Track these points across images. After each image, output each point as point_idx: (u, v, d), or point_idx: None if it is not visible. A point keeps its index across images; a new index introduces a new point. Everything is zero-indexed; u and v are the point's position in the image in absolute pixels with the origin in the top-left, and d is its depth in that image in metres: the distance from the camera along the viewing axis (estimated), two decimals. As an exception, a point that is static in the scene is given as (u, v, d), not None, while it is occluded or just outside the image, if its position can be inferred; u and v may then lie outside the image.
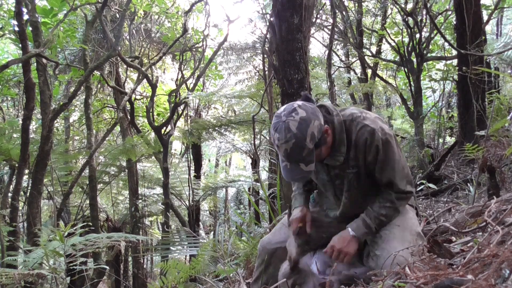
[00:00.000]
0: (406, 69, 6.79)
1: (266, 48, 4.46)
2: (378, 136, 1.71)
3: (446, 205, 3.55)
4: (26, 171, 4.93)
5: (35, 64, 5.01)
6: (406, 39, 6.80)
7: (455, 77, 5.62)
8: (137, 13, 7.67)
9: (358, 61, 8.56)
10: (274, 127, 1.65)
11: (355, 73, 8.80)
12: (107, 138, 8.57)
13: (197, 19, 8.93)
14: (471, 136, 4.70)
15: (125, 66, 8.12)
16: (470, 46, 4.83)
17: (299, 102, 1.69)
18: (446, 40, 5.03)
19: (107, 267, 5.54)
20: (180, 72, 7.77)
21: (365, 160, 1.77)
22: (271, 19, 3.13)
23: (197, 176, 8.62)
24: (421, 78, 6.71)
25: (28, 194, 4.77)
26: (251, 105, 7.91)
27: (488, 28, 8.73)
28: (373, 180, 1.84)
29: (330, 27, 6.16)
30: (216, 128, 7.74)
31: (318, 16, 7.21)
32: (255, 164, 8.49)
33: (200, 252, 2.98)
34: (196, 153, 9.09)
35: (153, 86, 6.94)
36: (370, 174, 1.82)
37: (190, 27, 7.67)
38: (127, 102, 7.06)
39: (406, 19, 6.65)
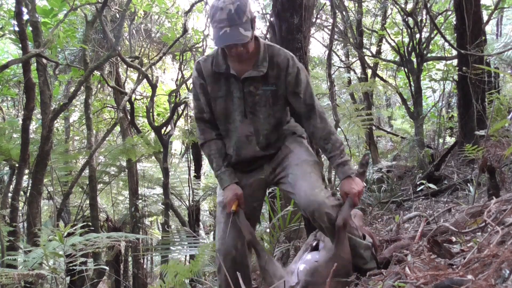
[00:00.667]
0: (406, 69, 6.79)
1: (266, 48, 4.46)
2: (297, 61, 2.05)
3: (446, 205, 3.55)
4: (26, 171, 4.93)
5: (35, 64, 5.01)
6: (406, 39, 6.81)
7: (455, 77, 5.62)
8: (137, 13, 7.67)
9: (358, 61, 8.56)
10: (216, 1, 1.82)
11: (355, 73, 8.80)
12: (107, 138, 8.57)
13: (197, 19, 8.94)
14: (471, 136, 4.70)
15: (125, 66, 8.12)
16: (470, 46, 4.83)
17: None
18: (446, 40, 5.03)
19: (107, 267, 5.55)
20: (180, 72, 7.77)
21: (285, 79, 2.01)
22: (271, 19, 3.13)
23: (197, 176, 8.62)
24: (421, 78, 6.71)
25: (28, 194, 4.76)
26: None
27: (488, 28, 8.72)
28: (284, 103, 2.10)
29: (330, 27, 6.16)
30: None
31: (318, 16, 7.21)
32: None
33: (198, 257, 2.99)
34: (196, 153, 9.08)
35: (153, 86, 6.94)
36: (284, 96, 2.06)
37: (190, 27, 7.67)
38: (127, 102, 7.06)
39: (406, 19, 6.66)
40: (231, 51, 1.89)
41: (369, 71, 8.30)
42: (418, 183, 4.76)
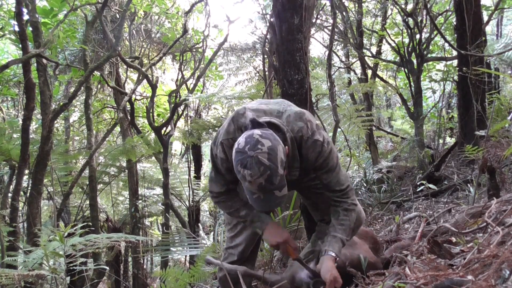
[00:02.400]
0: (406, 70, 6.78)
1: (266, 49, 4.46)
2: (325, 148, 1.84)
3: (446, 205, 3.55)
4: (26, 171, 4.92)
5: (35, 64, 5.01)
6: (406, 40, 6.80)
7: (455, 77, 5.62)
8: (137, 14, 7.67)
9: (358, 62, 8.55)
10: (242, 164, 1.59)
11: (355, 73, 8.79)
12: (107, 139, 8.57)
13: (197, 20, 8.93)
14: (471, 137, 4.70)
15: (125, 67, 8.12)
16: (470, 46, 4.83)
17: (257, 131, 1.67)
18: (446, 40, 5.03)
19: (107, 268, 5.54)
20: (180, 73, 7.77)
21: (314, 169, 1.90)
22: (271, 19, 3.13)
23: (197, 177, 8.62)
24: (421, 78, 6.71)
25: (28, 194, 4.76)
26: (251, 106, 7.88)
27: (488, 28, 8.73)
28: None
29: (330, 28, 6.16)
30: (216, 129, 7.73)
31: (318, 16, 7.20)
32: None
33: (198, 259, 2.98)
34: (196, 154, 9.08)
35: (153, 87, 6.94)
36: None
37: (190, 27, 7.67)
38: (127, 103, 7.05)
39: (406, 20, 6.65)
40: None
41: (369, 72, 8.30)
42: (418, 183, 4.76)
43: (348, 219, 1.94)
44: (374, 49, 8.59)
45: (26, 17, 4.63)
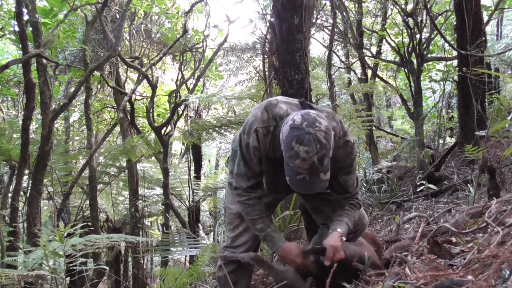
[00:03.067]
0: (406, 70, 6.78)
1: (266, 49, 4.46)
2: (355, 150, 1.87)
3: (446, 205, 3.55)
4: (26, 171, 4.92)
5: (35, 64, 5.01)
6: (406, 40, 6.80)
7: (455, 77, 5.62)
8: (137, 14, 7.67)
9: (358, 62, 8.55)
10: (298, 140, 1.56)
11: (355, 73, 8.80)
12: (107, 139, 8.56)
13: (197, 20, 8.93)
14: (471, 137, 4.70)
15: (125, 67, 8.12)
16: (470, 46, 4.83)
17: (313, 111, 1.68)
18: (446, 40, 5.03)
19: (107, 268, 5.54)
20: (180, 73, 7.77)
21: (339, 168, 1.87)
22: (271, 19, 3.13)
23: (197, 177, 8.62)
24: (421, 78, 6.71)
25: (28, 194, 4.76)
26: (251, 106, 7.91)
27: (488, 29, 8.73)
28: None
29: (330, 28, 6.16)
30: (216, 129, 7.73)
31: (319, 16, 7.21)
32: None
33: (198, 258, 2.99)
34: (196, 154, 9.08)
35: (153, 87, 6.94)
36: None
37: (190, 27, 7.67)
38: (127, 103, 7.06)
39: (406, 20, 6.65)
40: None
41: (369, 72, 8.30)
42: (418, 183, 4.76)
43: (354, 211, 1.95)
44: (374, 49, 8.59)
45: (26, 17, 4.64)
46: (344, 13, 7.40)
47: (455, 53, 6.29)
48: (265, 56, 5.06)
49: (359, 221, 2.06)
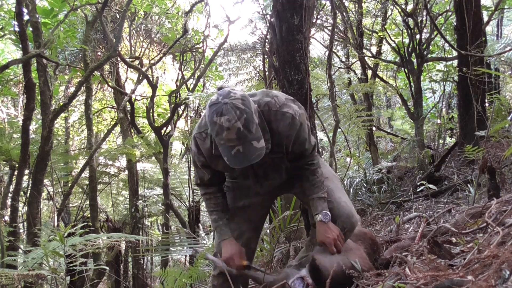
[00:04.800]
0: (406, 70, 6.79)
1: (266, 49, 4.46)
2: (297, 120, 1.82)
3: (446, 206, 3.55)
4: (26, 171, 4.93)
5: (36, 64, 5.01)
6: (407, 40, 6.81)
7: (455, 78, 5.62)
8: (137, 14, 7.67)
9: (358, 62, 8.55)
10: (217, 113, 1.58)
11: (355, 74, 8.80)
12: (107, 139, 8.56)
13: (197, 20, 8.93)
14: (472, 137, 4.70)
15: (125, 67, 8.12)
16: (470, 47, 4.83)
17: (228, 87, 1.71)
18: (446, 41, 5.03)
19: (107, 268, 5.54)
20: (180, 73, 7.77)
21: (288, 142, 1.86)
22: (271, 19, 3.13)
23: (197, 177, 8.60)
24: (421, 79, 6.71)
25: (28, 194, 4.76)
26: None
27: (488, 29, 8.72)
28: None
29: (330, 28, 6.16)
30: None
31: (319, 17, 7.20)
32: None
33: (197, 259, 2.98)
34: (196, 154, 9.07)
35: (153, 87, 6.94)
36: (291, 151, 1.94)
37: (190, 27, 7.67)
38: (127, 103, 7.06)
39: (407, 20, 6.65)
40: None
41: (369, 72, 8.31)
42: (418, 183, 4.76)
43: (317, 176, 2.00)
44: (374, 50, 8.59)
45: (26, 17, 4.64)
46: (344, 13, 7.39)
47: (455, 53, 6.29)
48: (265, 56, 5.06)
49: (347, 219, 2.00)
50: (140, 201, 7.97)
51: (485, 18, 6.13)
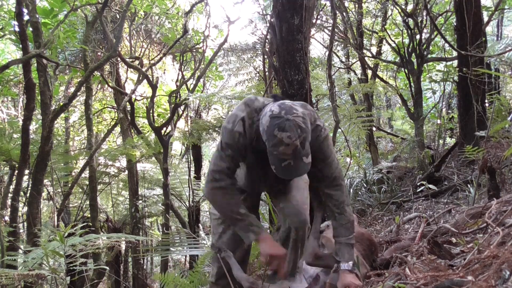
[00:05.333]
0: (406, 70, 6.79)
1: (267, 49, 4.46)
2: (322, 132, 1.90)
3: (446, 206, 3.55)
4: (26, 171, 4.93)
5: (36, 64, 5.01)
6: (407, 40, 6.81)
7: (456, 78, 5.62)
8: (137, 14, 7.67)
9: (359, 62, 8.56)
10: (280, 127, 1.63)
11: (355, 74, 8.80)
12: (107, 139, 8.56)
13: (197, 20, 8.93)
14: (472, 137, 4.70)
15: (125, 67, 8.12)
16: (471, 47, 4.83)
17: (288, 101, 1.76)
18: (446, 41, 5.03)
19: (107, 268, 5.54)
20: (180, 73, 7.77)
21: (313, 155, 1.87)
22: (272, 20, 3.13)
23: (197, 177, 8.61)
24: (422, 79, 6.71)
25: (28, 194, 4.76)
26: (251, 106, 7.88)
27: (488, 29, 8.73)
28: None
29: (330, 28, 6.16)
30: (216, 129, 7.73)
31: (319, 17, 7.20)
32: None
33: (198, 264, 2.98)
34: (196, 154, 9.08)
35: (153, 87, 6.94)
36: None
37: (190, 28, 7.68)
38: (127, 103, 7.06)
39: (407, 20, 6.66)
40: None
41: (370, 72, 8.31)
42: (418, 184, 4.76)
43: (345, 216, 1.95)
44: (374, 50, 8.59)
45: (26, 17, 4.64)
46: (344, 14, 7.40)
47: (455, 53, 6.29)
48: (265, 57, 5.06)
49: (294, 218, 2.04)
50: (140, 201, 7.97)
51: (485, 19, 6.13)
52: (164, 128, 6.97)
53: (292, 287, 1.92)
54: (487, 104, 5.59)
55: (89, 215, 6.54)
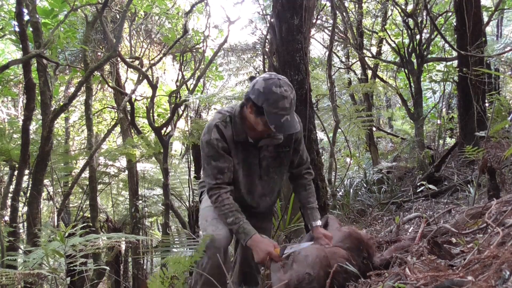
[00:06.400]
0: (406, 70, 6.79)
1: (267, 49, 4.45)
2: (301, 126, 2.18)
3: (446, 206, 3.54)
4: (26, 171, 4.93)
5: (36, 64, 5.01)
6: (407, 40, 6.81)
7: (455, 78, 5.62)
8: (137, 14, 7.67)
9: (359, 62, 8.56)
10: (276, 84, 1.90)
11: (356, 74, 8.80)
12: (107, 139, 8.56)
13: (197, 20, 8.94)
14: (472, 137, 4.70)
15: (125, 67, 8.12)
16: (470, 47, 4.83)
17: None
18: (446, 41, 5.03)
19: (107, 268, 5.54)
20: (180, 73, 7.77)
21: (294, 139, 2.20)
22: (272, 20, 3.13)
23: (197, 177, 8.60)
24: (422, 79, 6.71)
25: (28, 194, 4.76)
26: (251, 106, 7.89)
27: (488, 29, 8.73)
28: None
29: (330, 28, 6.16)
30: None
31: (318, 17, 7.21)
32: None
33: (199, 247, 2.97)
34: (196, 154, 9.07)
35: (154, 87, 6.94)
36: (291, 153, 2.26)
37: (190, 28, 7.68)
38: (127, 103, 7.06)
39: (407, 20, 6.66)
40: (268, 131, 2.01)
41: (369, 72, 8.31)
42: (418, 184, 4.76)
43: (312, 187, 2.32)
44: (374, 50, 8.60)
45: (26, 17, 4.64)
46: (344, 14, 7.40)
47: (455, 53, 6.29)
48: (265, 57, 5.06)
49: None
50: (140, 201, 7.97)
51: (485, 19, 6.13)
52: (164, 128, 6.96)
53: (301, 246, 2.04)
54: (487, 104, 5.59)
55: (89, 215, 6.54)
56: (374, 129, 8.16)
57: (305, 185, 2.30)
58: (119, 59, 6.88)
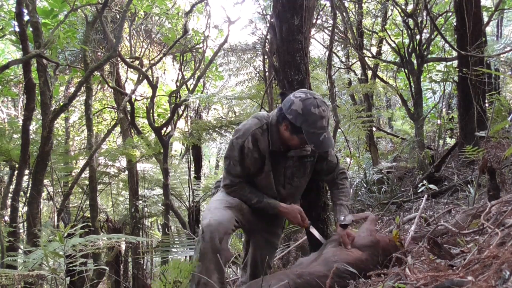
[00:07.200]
0: (406, 70, 6.79)
1: (267, 49, 4.45)
2: None
3: (446, 206, 3.55)
4: (26, 171, 4.92)
5: (36, 64, 5.01)
6: (407, 41, 6.81)
7: (456, 78, 5.62)
8: (137, 14, 7.67)
9: (359, 62, 8.55)
10: (313, 104, 1.96)
11: (356, 74, 8.80)
12: (107, 139, 8.56)
13: (197, 20, 8.93)
14: (472, 138, 4.70)
15: (125, 67, 8.12)
16: (471, 47, 4.83)
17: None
18: (446, 41, 5.03)
19: (107, 268, 5.53)
20: (180, 73, 7.77)
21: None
22: (272, 20, 3.12)
23: (197, 177, 8.61)
24: (422, 79, 6.71)
25: (28, 194, 4.76)
26: (252, 106, 7.91)
27: (488, 29, 8.73)
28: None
29: (330, 28, 6.16)
30: (217, 129, 7.73)
31: (319, 17, 7.20)
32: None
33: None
34: (196, 154, 9.08)
35: (154, 87, 6.94)
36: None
37: (190, 28, 7.67)
38: (127, 103, 7.05)
39: (407, 20, 6.66)
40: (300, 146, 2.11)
41: (370, 72, 8.31)
42: (418, 184, 4.76)
43: (346, 185, 2.37)
44: (374, 50, 8.59)
45: (26, 17, 4.64)
46: (344, 14, 7.40)
47: (455, 53, 6.29)
48: (265, 57, 5.06)
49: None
50: (140, 202, 7.97)
51: (485, 19, 6.13)
52: (164, 128, 6.96)
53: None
54: (487, 104, 5.59)
55: (89, 215, 6.54)
56: (374, 129, 8.16)
57: (339, 185, 2.37)
58: (119, 59, 6.88)
